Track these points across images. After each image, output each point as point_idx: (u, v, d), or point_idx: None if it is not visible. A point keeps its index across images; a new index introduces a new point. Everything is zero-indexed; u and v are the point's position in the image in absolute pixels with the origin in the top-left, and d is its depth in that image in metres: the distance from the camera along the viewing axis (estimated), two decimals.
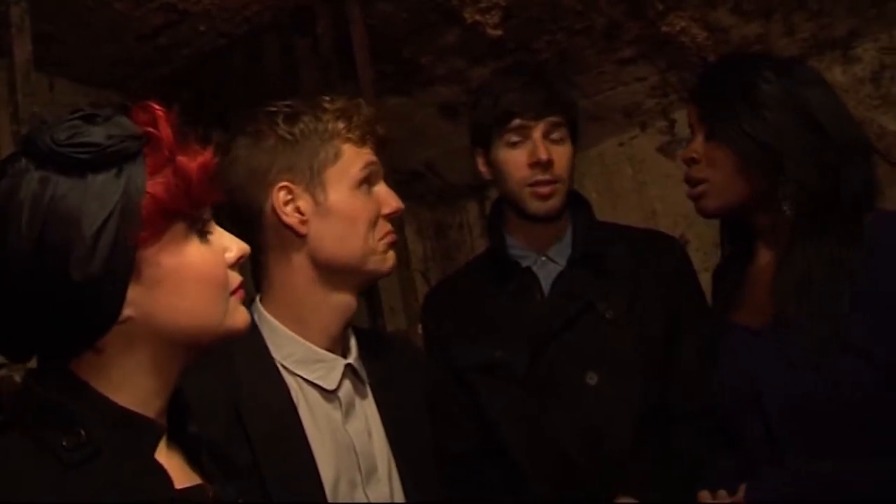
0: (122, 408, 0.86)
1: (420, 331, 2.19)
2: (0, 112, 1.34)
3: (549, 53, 2.62)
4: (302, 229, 1.33)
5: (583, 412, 1.54)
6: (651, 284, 1.62)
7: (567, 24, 2.50)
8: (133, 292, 0.84)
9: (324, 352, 1.35)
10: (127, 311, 0.85)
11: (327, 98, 1.40)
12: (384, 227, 1.38)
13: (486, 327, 1.65)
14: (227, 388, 1.26)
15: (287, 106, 1.40)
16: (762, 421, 1.34)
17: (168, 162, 0.87)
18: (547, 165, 1.62)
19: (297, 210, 1.33)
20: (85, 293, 0.81)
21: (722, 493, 1.32)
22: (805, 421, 1.29)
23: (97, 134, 0.84)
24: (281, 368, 1.33)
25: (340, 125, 1.35)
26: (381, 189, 1.40)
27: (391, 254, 1.40)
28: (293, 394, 1.31)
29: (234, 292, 0.93)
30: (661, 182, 2.91)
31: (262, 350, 1.34)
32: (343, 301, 1.37)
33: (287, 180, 1.33)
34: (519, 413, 1.57)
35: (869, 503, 1.23)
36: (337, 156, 1.34)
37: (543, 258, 1.67)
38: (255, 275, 1.42)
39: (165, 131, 0.88)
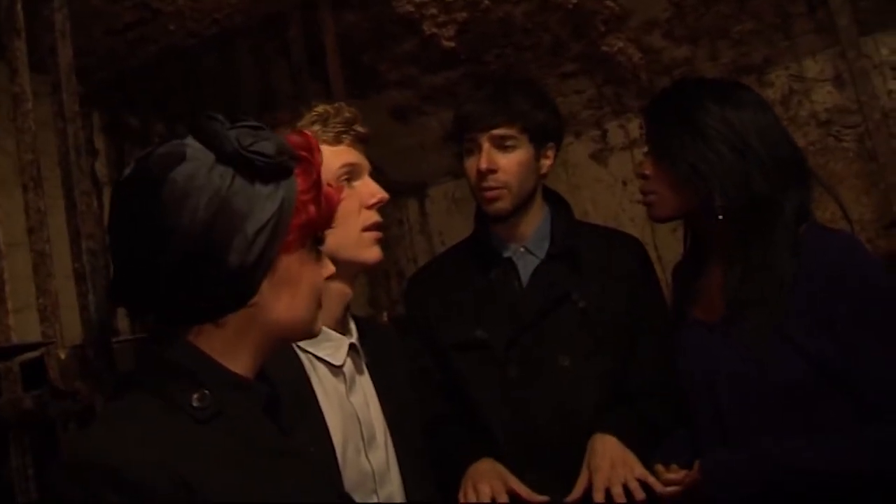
0: (234, 373, 0.98)
1: (385, 318, 2.36)
2: (37, 109, 1.43)
3: (497, 66, 2.83)
4: None
5: (555, 390, 1.71)
6: (618, 278, 1.80)
7: (517, 39, 2.72)
8: (264, 286, 0.97)
9: (331, 331, 1.47)
10: (255, 299, 0.97)
11: (311, 104, 1.49)
12: (369, 218, 1.46)
13: (469, 310, 1.80)
14: None
15: (272, 118, 1.49)
16: (713, 403, 1.54)
17: (315, 186, 0.99)
18: (486, 174, 1.76)
19: None
20: (233, 276, 0.94)
21: (674, 466, 1.53)
22: (748, 402, 1.49)
23: (269, 147, 0.95)
24: (294, 346, 1.44)
25: (316, 128, 1.45)
26: (363, 183, 1.48)
27: (377, 245, 1.48)
28: (306, 369, 1.43)
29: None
30: (592, 186, 3.17)
31: None
32: (336, 288, 1.46)
33: None
34: (496, 388, 1.73)
35: (804, 475, 1.41)
36: None
37: (522, 250, 1.84)
38: None
39: (318, 159, 1.01)
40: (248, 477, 0.91)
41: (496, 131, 1.77)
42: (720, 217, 1.53)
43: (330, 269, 1.08)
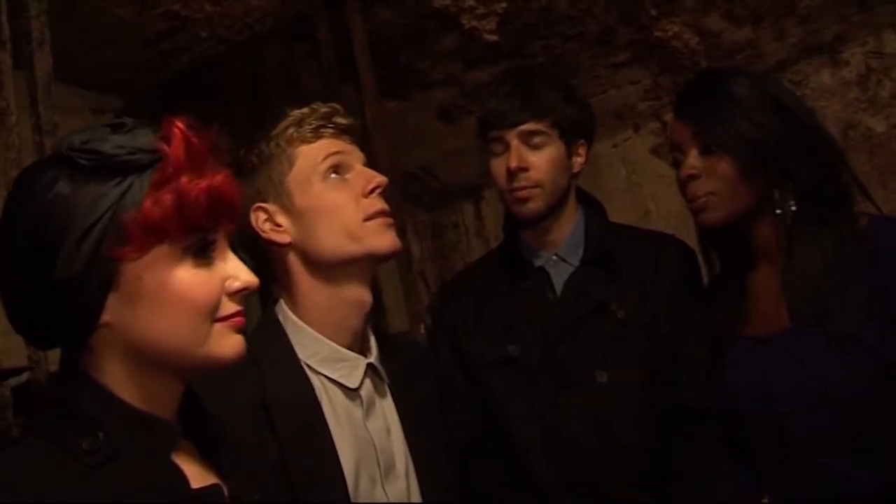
0: (139, 410, 0.86)
1: (422, 330, 2.24)
2: (22, 122, 1.37)
3: (543, 58, 2.68)
4: (283, 239, 1.36)
5: (593, 408, 1.58)
6: (660, 285, 1.64)
7: (561, 29, 2.57)
8: (112, 301, 0.85)
9: (346, 351, 1.37)
10: (105, 318, 0.85)
11: (287, 110, 1.42)
12: (370, 206, 1.37)
13: (500, 324, 1.68)
14: (255, 386, 1.28)
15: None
16: (774, 424, 1.37)
17: (171, 180, 0.85)
18: (517, 172, 1.64)
19: (276, 224, 1.37)
20: (66, 292, 0.83)
21: None
22: (814, 419, 1.33)
23: (110, 143, 0.84)
24: (305, 367, 1.35)
25: (291, 131, 1.38)
26: (356, 173, 1.40)
27: (388, 232, 1.38)
28: (317, 392, 1.34)
29: (223, 319, 0.89)
30: (654, 182, 2.98)
31: (287, 349, 1.36)
32: (353, 294, 1.38)
33: (259, 202, 1.37)
34: (530, 408, 1.61)
35: (877, 498, 1.28)
36: (291, 162, 1.37)
37: (555, 257, 1.71)
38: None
39: (176, 148, 0.85)
40: None
41: (524, 127, 1.64)
42: (778, 212, 1.40)
43: (243, 279, 0.91)
